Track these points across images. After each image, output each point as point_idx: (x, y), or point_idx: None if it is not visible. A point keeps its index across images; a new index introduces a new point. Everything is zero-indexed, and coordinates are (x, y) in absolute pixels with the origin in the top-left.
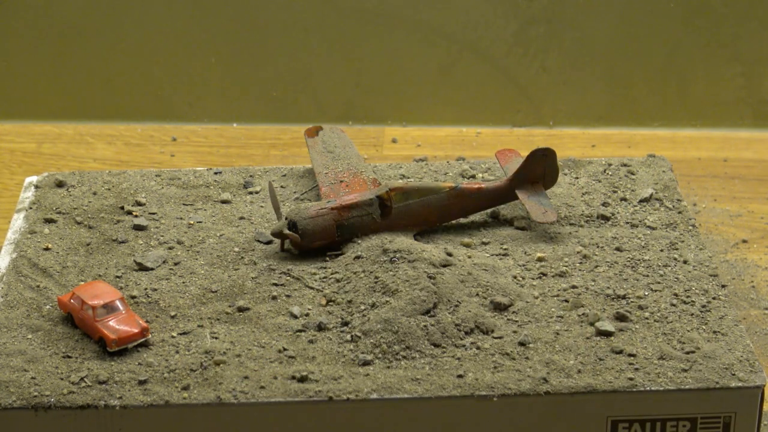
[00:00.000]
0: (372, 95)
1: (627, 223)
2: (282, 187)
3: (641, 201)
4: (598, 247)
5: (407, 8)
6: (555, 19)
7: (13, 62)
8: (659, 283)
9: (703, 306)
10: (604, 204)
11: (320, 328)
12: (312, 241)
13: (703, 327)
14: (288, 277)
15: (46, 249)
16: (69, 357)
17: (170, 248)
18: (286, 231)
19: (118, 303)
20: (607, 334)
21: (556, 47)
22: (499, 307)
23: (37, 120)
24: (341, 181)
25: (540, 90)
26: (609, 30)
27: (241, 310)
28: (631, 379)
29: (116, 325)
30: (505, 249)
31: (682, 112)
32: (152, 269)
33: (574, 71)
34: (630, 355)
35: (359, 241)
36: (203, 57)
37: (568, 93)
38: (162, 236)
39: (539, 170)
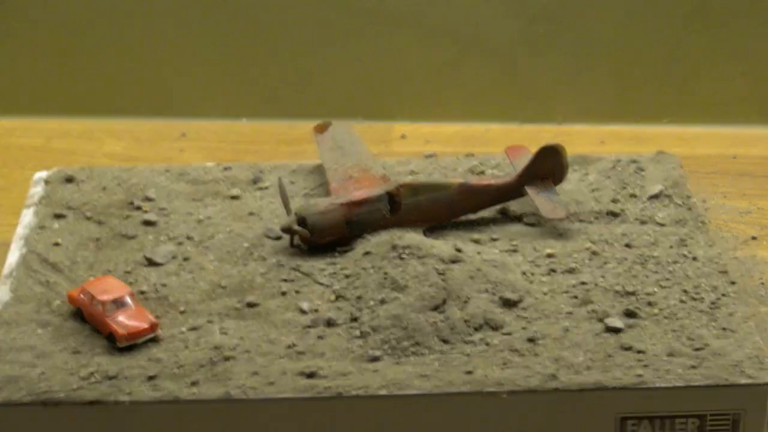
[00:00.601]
0: (380, 92)
1: (636, 219)
2: (291, 182)
3: (650, 197)
4: (607, 243)
5: (415, 5)
6: (562, 17)
7: (21, 58)
8: (668, 279)
9: (713, 303)
10: (614, 200)
11: (329, 323)
12: (321, 237)
13: (713, 324)
14: (297, 273)
15: (56, 244)
16: (78, 352)
17: (180, 244)
18: (296, 227)
19: (127, 298)
20: (616, 330)
21: (564, 44)
22: (508, 303)
23: (46, 116)
24: (350, 177)
25: (548, 87)
26: (617, 27)
27: (250, 305)
28: (640, 375)
29: (126, 321)
30: (514, 245)
31: (690, 108)
32: (162, 264)
33: (582, 68)
34: (639, 351)
35: (368, 237)
36: (212, 53)
37: (577, 90)
38: (171, 232)
39: (548, 166)
